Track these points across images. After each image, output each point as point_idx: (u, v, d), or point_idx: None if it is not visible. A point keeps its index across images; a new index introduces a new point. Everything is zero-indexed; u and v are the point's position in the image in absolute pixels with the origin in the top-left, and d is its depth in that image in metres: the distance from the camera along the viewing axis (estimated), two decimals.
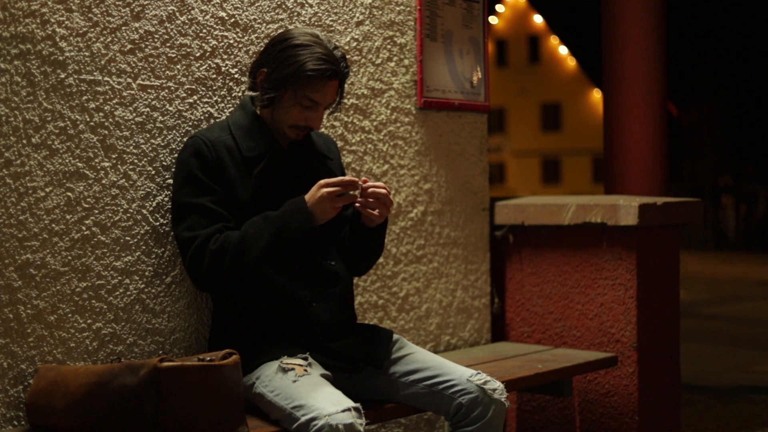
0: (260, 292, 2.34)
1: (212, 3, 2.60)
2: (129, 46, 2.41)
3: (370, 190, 2.33)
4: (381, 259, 3.08)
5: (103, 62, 2.35)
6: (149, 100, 2.46)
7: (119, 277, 2.39)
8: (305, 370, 2.21)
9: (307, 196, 2.30)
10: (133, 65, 2.42)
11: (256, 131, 2.41)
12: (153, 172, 2.46)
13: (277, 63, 2.35)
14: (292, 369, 2.20)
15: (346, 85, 2.96)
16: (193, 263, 2.28)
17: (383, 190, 2.34)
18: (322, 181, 2.30)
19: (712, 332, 7.30)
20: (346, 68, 2.41)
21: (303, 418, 2.06)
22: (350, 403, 2.08)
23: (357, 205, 2.36)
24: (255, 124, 2.42)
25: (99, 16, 2.35)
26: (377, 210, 2.36)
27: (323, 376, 2.23)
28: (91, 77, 2.33)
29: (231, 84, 2.65)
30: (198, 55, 2.56)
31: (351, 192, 2.31)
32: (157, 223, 2.46)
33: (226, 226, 2.31)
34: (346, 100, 2.99)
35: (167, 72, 2.49)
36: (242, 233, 2.28)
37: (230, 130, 2.41)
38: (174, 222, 2.37)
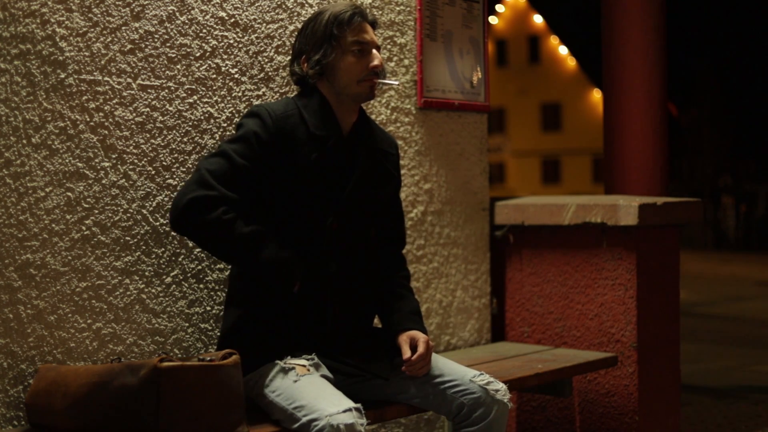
0: (273, 295, 2.31)
1: (212, 3, 2.60)
2: (129, 46, 2.41)
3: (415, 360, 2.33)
4: None
5: (103, 62, 2.35)
6: (149, 100, 2.46)
7: (119, 277, 2.39)
8: (308, 370, 2.20)
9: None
10: (133, 65, 2.42)
11: (324, 111, 2.38)
12: (153, 172, 2.46)
13: (310, 39, 2.37)
14: (293, 369, 2.20)
15: None
16: (193, 206, 2.20)
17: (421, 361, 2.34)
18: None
19: (712, 332, 7.30)
20: (371, 15, 2.41)
21: (304, 419, 2.06)
22: (351, 404, 2.08)
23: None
24: (321, 103, 2.38)
25: (99, 16, 2.35)
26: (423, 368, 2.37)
27: (324, 377, 2.23)
28: (91, 77, 2.33)
29: (231, 84, 2.65)
30: (198, 55, 2.56)
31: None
32: (157, 223, 2.46)
33: (239, 204, 2.26)
34: None
35: (167, 72, 2.49)
36: (251, 235, 2.23)
37: (297, 105, 2.37)
38: (207, 155, 2.33)
